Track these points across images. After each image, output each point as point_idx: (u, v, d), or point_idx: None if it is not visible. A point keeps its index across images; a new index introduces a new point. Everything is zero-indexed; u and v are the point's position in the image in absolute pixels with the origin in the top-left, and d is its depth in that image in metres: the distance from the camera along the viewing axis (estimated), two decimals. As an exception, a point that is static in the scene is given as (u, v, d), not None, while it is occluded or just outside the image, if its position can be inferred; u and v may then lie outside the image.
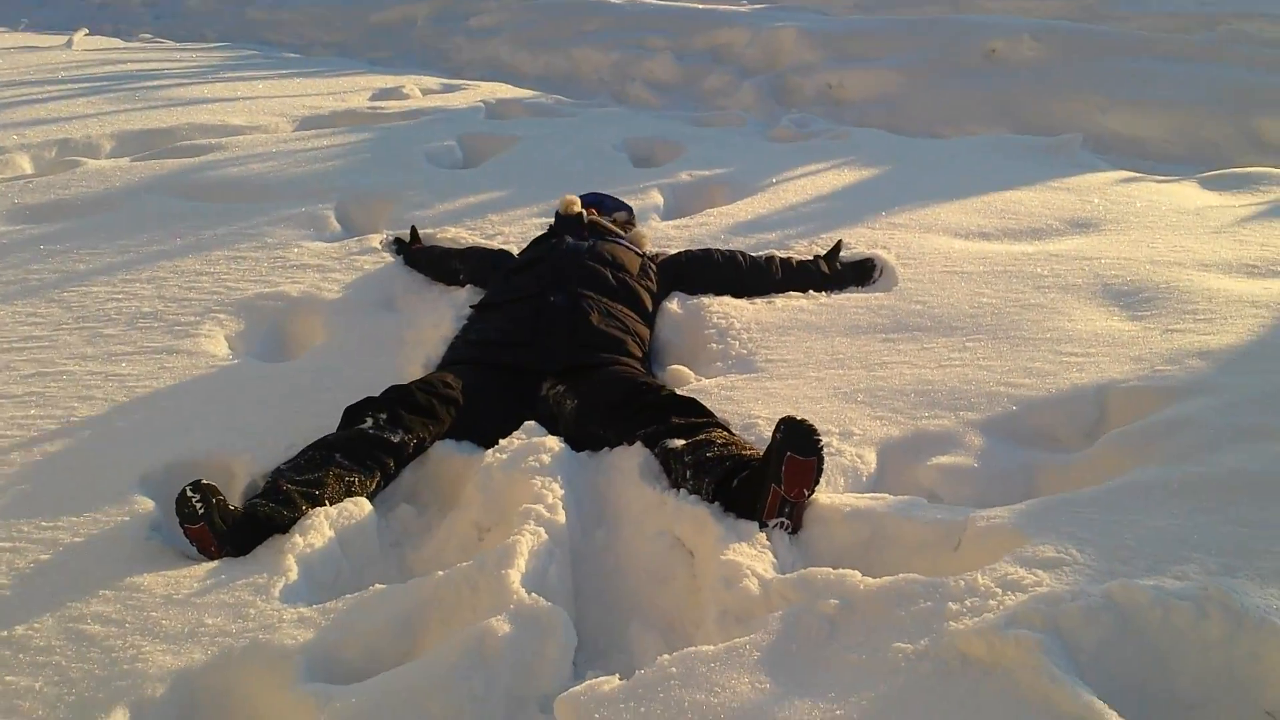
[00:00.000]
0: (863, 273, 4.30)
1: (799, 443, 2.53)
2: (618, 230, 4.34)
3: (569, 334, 3.48)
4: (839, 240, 4.49)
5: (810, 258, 4.36)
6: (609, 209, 4.70)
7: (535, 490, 2.71)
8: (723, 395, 3.30)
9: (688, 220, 5.22)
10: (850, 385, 3.32)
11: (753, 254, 4.36)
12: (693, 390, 3.34)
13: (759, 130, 7.86)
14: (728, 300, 4.04)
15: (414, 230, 4.79)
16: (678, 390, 3.23)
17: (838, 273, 4.27)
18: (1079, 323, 3.66)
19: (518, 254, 4.24)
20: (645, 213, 5.21)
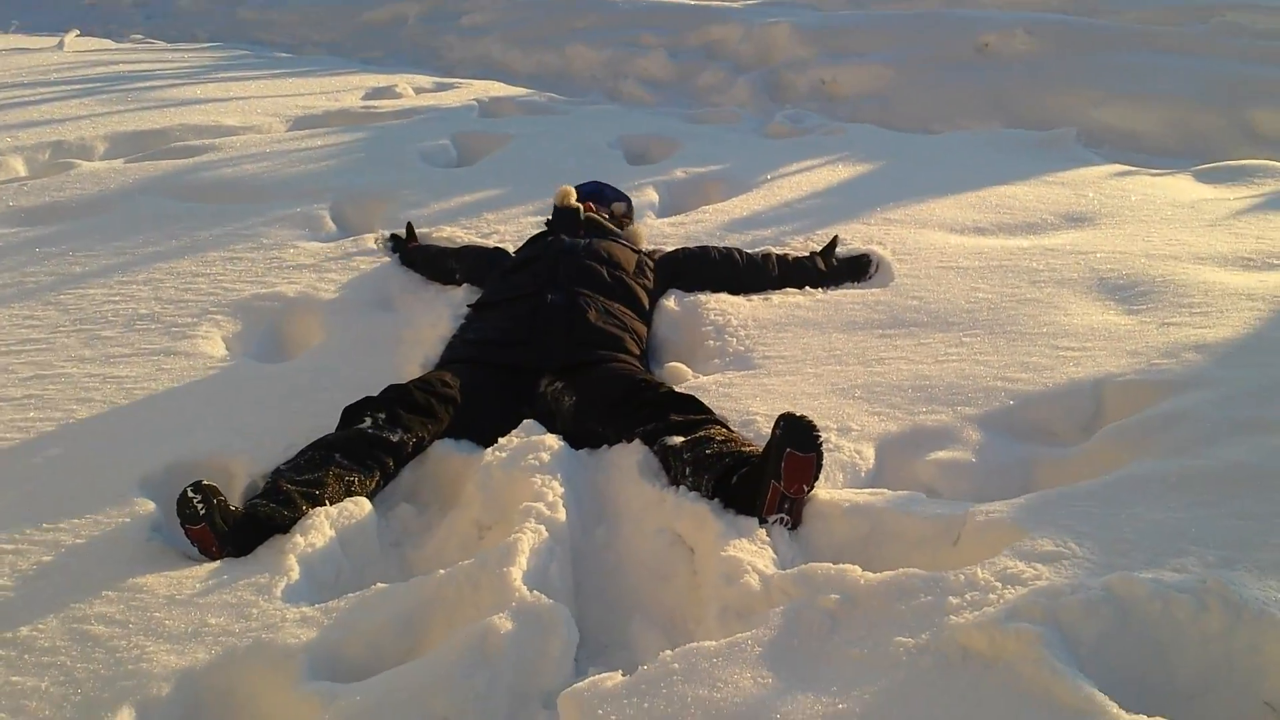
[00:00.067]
0: (858, 268, 4.31)
1: (798, 439, 2.53)
2: (614, 228, 4.34)
3: (566, 332, 3.49)
4: (835, 236, 4.50)
5: (806, 254, 4.37)
6: (608, 198, 4.71)
7: (535, 488, 2.71)
8: (721, 392, 3.31)
9: (684, 217, 5.22)
10: (848, 381, 3.32)
11: (749, 251, 4.37)
12: (691, 387, 3.34)
13: (753, 126, 7.86)
14: (724, 297, 4.04)
15: (410, 227, 4.79)
16: (676, 387, 3.24)
17: (834, 269, 4.28)
18: (1075, 317, 3.67)
19: (514, 252, 4.24)
20: (641, 210, 5.21)
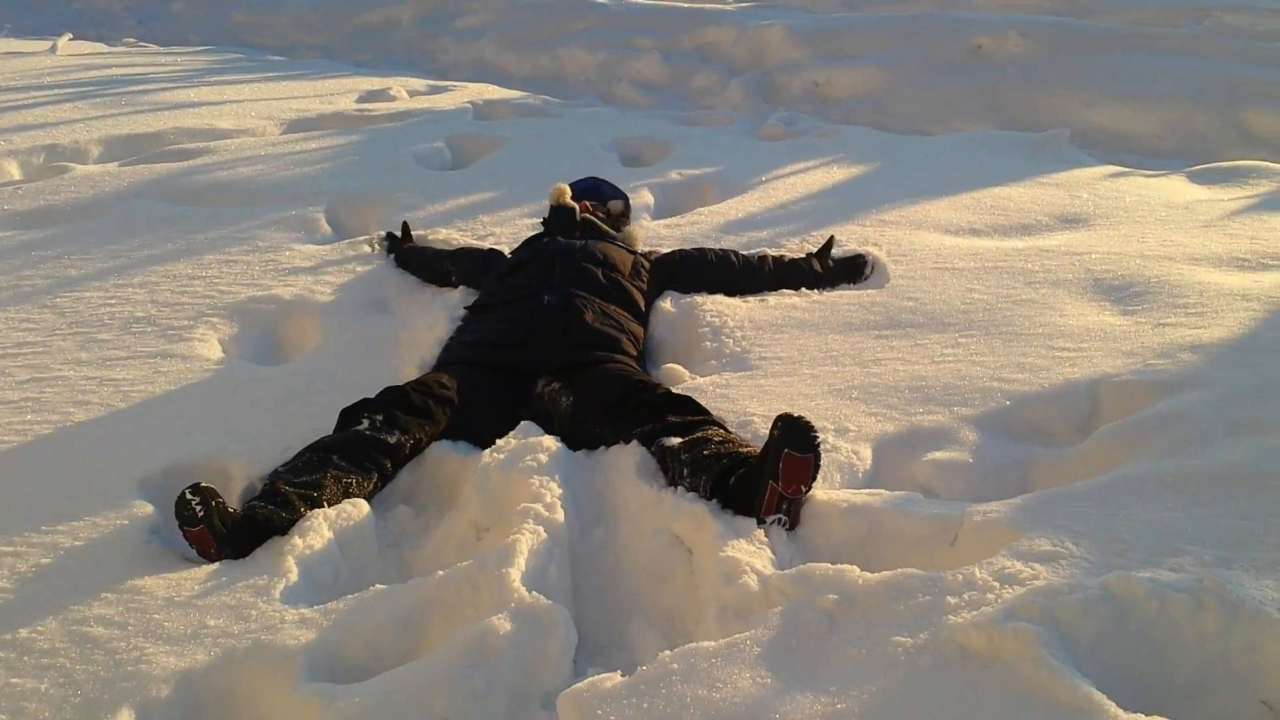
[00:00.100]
0: (854, 269, 4.30)
1: (796, 439, 2.54)
2: (609, 230, 4.35)
3: (563, 333, 3.49)
4: (831, 236, 4.49)
5: (803, 255, 4.37)
6: (605, 195, 4.71)
7: (533, 489, 2.71)
8: (718, 393, 3.31)
9: (679, 219, 5.22)
10: (844, 382, 3.33)
11: (745, 253, 4.37)
12: (688, 389, 3.34)
13: (747, 129, 7.87)
14: (721, 299, 4.04)
15: (405, 226, 4.78)
16: (673, 389, 3.24)
17: (830, 269, 4.27)
18: (1071, 318, 3.68)
19: (509, 254, 4.24)
20: (636, 212, 5.21)
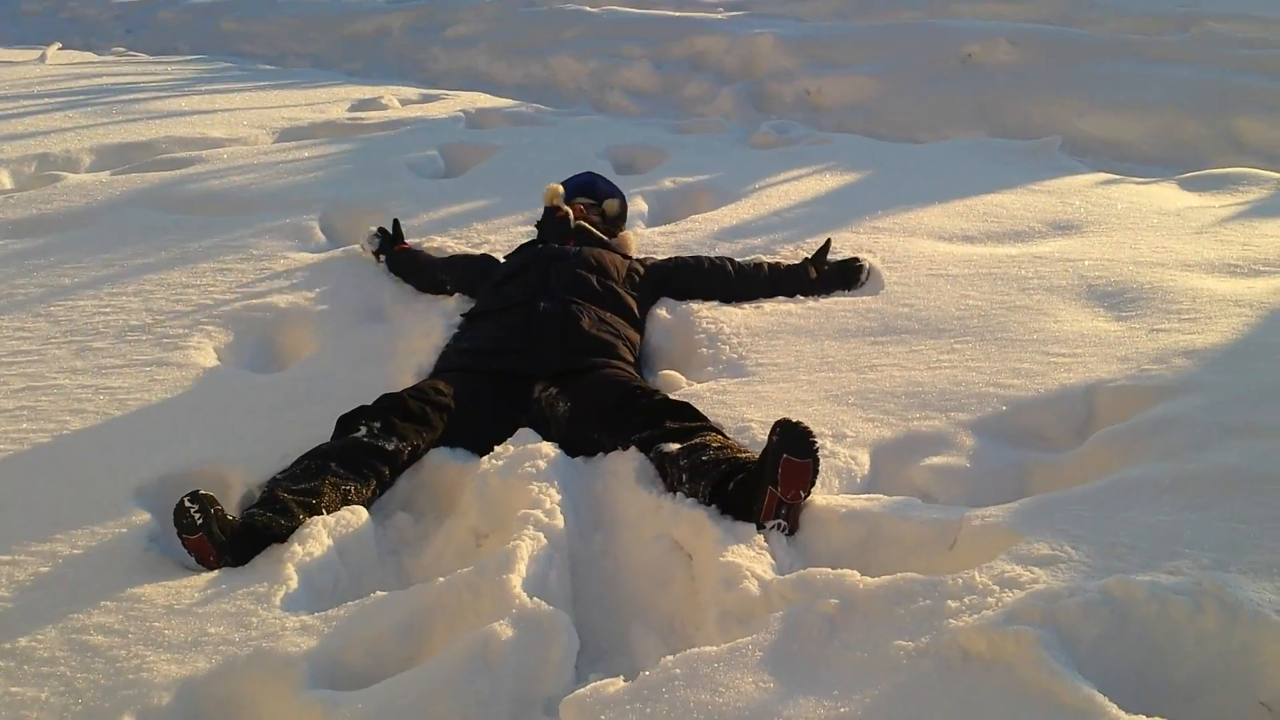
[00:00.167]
0: (849, 273, 4.28)
1: (795, 445, 2.55)
2: (603, 236, 4.35)
3: (560, 339, 3.50)
4: (828, 239, 4.45)
5: (798, 260, 4.36)
6: (601, 192, 4.71)
7: (533, 496, 2.72)
8: (715, 399, 3.32)
9: (673, 226, 5.23)
10: (841, 388, 3.34)
11: (740, 260, 4.37)
12: (685, 395, 3.34)
13: (739, 137, 7.87)
14: (716, 306, 4.05)
15: (396, 224, 4.74)
16: (670, 395, 3.25)
17: (825, 274, 4.26)
18: (1065, 323, 3.69)
19: (504, 259, 4.23)
20: (631, 219, 5.20)
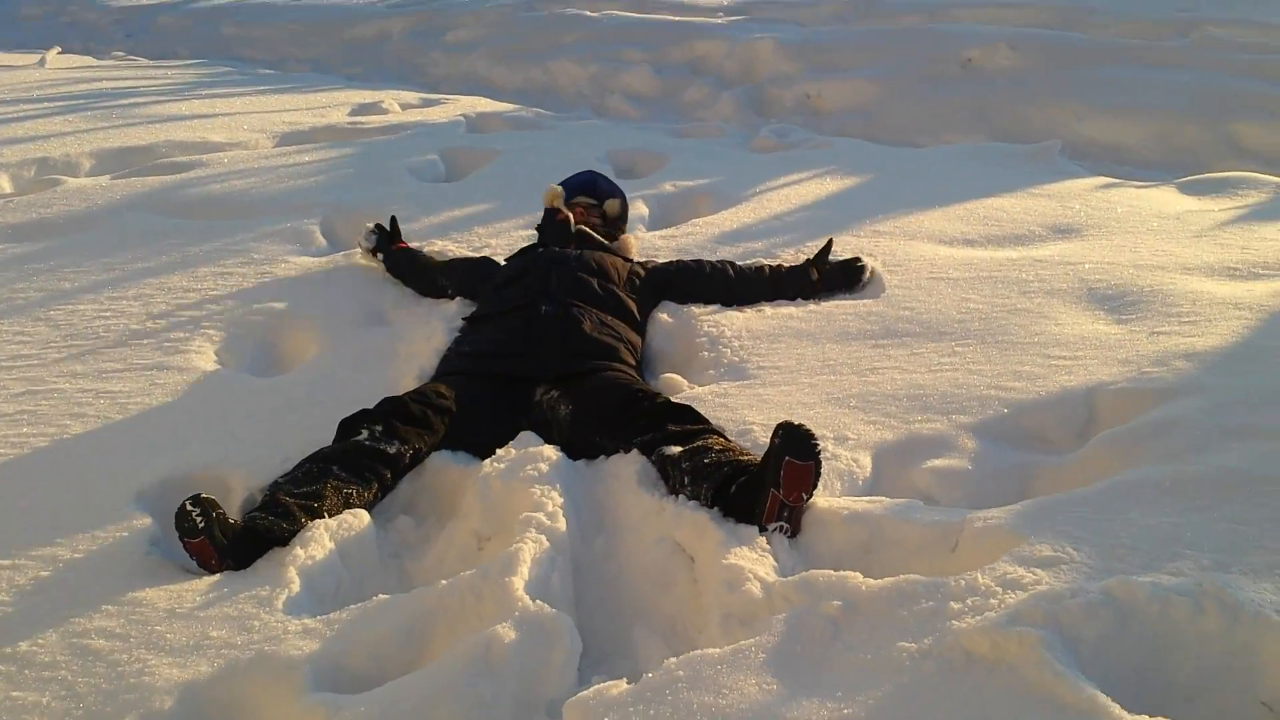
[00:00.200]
0: (851, 273, 4.27)
1: (797, 447, 2.55)
2: (604, 240, 4.35)
3: (561, 342, 3.50)
4: (829, 240, 4.41)
5: (800, 263, 4.34)
6: (602, 190, 4.70)
7: (535, 499, 2.72)
8: (717, 402, 3.32)
9: (674, 230, 5.23)
10: (843, 391, 3.34)
11: (741, 263, 4.37)
12: (687, 398, 3.35)
13: (739, 141, 7.87)
14: (717, 309, 4.06)
15: (394, 221, 4.73)
16: (672, 398, 3.25)
17: (827, 275, 4.23)
18: (1066, 326, 3.69)
19: (504, 262, 4.24)
20: (632, 223, 5.20)
